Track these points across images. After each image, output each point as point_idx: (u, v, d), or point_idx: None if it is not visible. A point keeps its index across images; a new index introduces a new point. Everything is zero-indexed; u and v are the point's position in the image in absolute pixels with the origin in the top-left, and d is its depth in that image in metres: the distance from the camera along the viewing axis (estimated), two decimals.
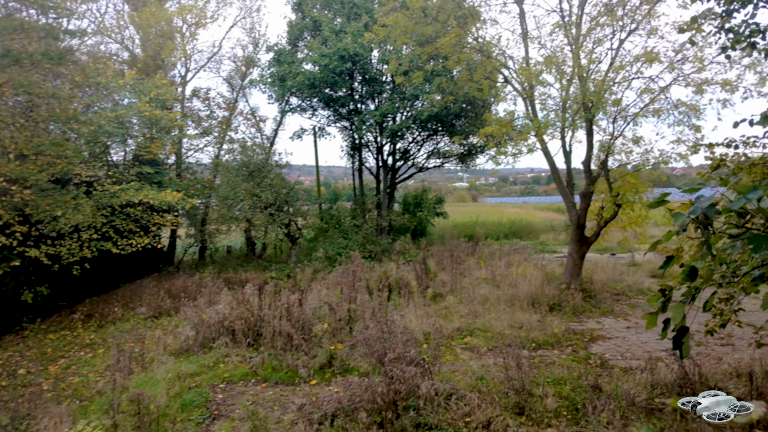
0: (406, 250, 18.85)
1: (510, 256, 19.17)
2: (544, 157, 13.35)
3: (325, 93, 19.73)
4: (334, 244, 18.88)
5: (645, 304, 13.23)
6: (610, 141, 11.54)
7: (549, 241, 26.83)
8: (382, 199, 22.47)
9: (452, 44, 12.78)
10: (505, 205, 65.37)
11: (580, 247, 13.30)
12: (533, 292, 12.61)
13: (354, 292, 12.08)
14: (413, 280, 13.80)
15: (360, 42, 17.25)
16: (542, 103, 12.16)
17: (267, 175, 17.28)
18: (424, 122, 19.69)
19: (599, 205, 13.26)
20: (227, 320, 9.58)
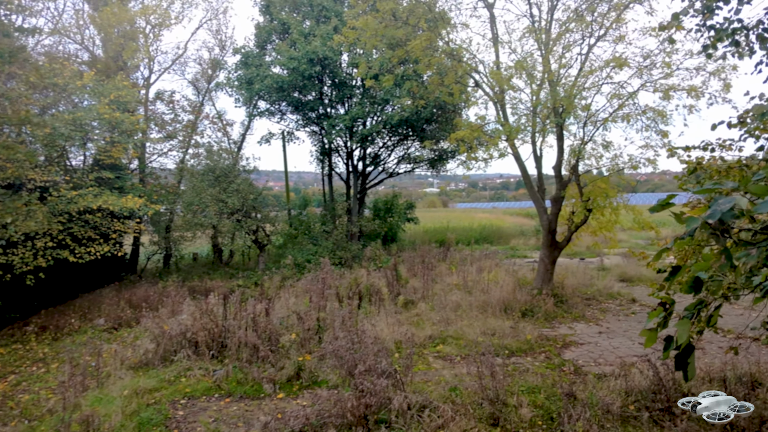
0: (377, 256, 18.59)
1: (481, 262, 19.10)
2: (516, 162, 13.29)
3: (294, 97, 19.38)
4: (303, 251, 18.49)
5: (615, 309, 13.26)
6: (581, 146, 11.54)
7: (519, 245, 26.94)
8: (353, 204, 22.17)
9: (423, 47, 12.63)
10: (476, 211, 65.78)
11: (551, 252, 13.26)
12: (505, 298, 12.49)
13: (323, 300, 11.75)
14: (384, 286, 13.54)
15: (329, 45, 16.98)
16: (513, 107, 12.10)
17: (234, 180, 16.81)
18: (394, 127, 19.51)
19: (570, 209, 13.25)
20: (190, 331, 9.14)
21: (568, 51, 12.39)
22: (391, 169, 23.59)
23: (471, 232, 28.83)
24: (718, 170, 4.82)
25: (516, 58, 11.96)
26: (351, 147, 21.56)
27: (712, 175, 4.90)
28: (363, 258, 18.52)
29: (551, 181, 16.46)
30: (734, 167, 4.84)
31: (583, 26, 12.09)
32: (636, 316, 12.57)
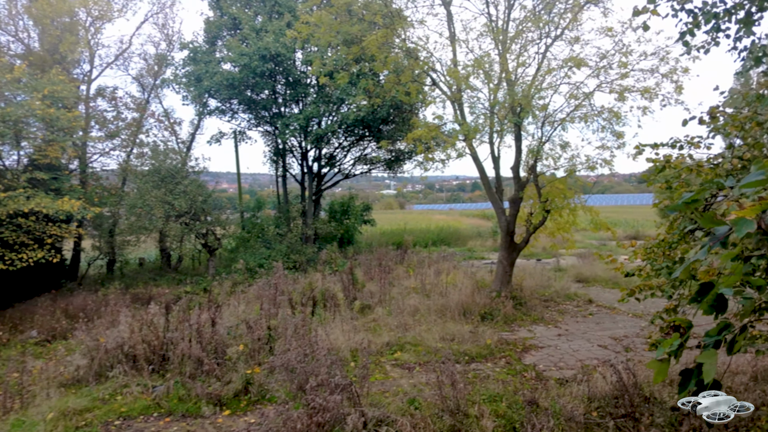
0: (333, 260, 18.09)
1: (439, 264, 18.86)
2: (473, 163, 13.06)
3: (246, 95, 18.64)
4: (255, 255, 17.79)
5: (573, 310, 13.20)
6: (539, 145, 11.38)
7: (477, 247, 26.93)
8: (308, 206, 21.57)
9: (379, 44, 12.24)
10: (432, 212, 66.03)
11: (510, 253, 13.09)
12: (464, 301, 12.22)
13: (275, 307, 11.18)
14: (340, 291, 13.05)
15: (282, 41, 16.38)
16: (471, 106, 11.86)
17: (181, 181, 15.97)
18: (350, 127, 19.04)
19: (528, 211, 13.12)
20: (127, 344, 8.42)
21: (526, 51, 12.26)
22: (346, 171, 23.10)
23: (428, 234, 28.65)
24: (690, 169, 4.59)
25: (473, 57, 11.72)
26: (306, 147, 20.96)
27: (681, 173, 4.69)
28: (318, 261, 17.98)
29: (509, 183, 16.35)
30: (702, 165, 4.63)
31: (540, 26, 11.96)
32: (594, 317, 12.52)
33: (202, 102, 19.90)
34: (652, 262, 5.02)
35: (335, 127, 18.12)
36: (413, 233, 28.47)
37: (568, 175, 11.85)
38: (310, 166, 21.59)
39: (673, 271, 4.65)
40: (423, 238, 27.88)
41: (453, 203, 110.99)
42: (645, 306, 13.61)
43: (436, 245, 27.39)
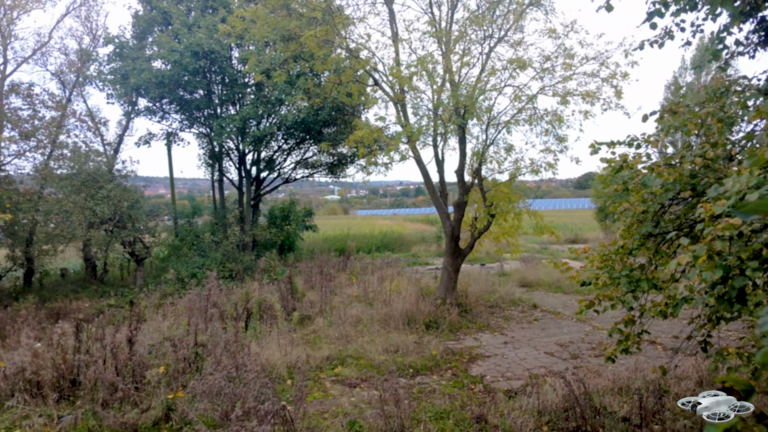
0: (272, 268, 17.25)
1: (383, 270, 18.37)
2: (417, 166, 12.65)
3: (178, 94, 17.53)
4: (188, 264, 16.70)
5: (518, 316, 12.99)
6: (484, 147, 11.08)
7: (420, 252, 26.66)
8: (246, 212, 20.61)
9: (319, 42, 11.64)
10: (376, 217, 65.65)
11: (454, 259, 12.75)
12: (408, 310, 11.76)
13: (206, 321, 10.34)
14: (278, 302, 12.30)
15: (216, 38, 15.47)
16: (414, 107, 11.42)
17: (104, 185, 14.74)
18: (289, 129, 18.28)
19: (473, 215, 12.83)
20: (30, 369, 7.41)
21: (469, 52, 11.98)
22: (287, 175, 22.26)
23: (372, 240, 28.16)
24: (651, 168, 4.26)
25: (417, 57, 11.32)
26: (243, 150, 20.01)
27: (638, 174, 4.36)
28: (256, 270, 17.10)
29: (454, 188, 16.07)
30: (660, 165, 4.31)
31: (484, 27, 11.72)
32: (539, 322, 12.35)
33: (131, 101, 18.62)
34: (609, 270, 4.66)
35: (274, 128, 17.31)
36: (357, 239, 27.89)
37: (512, 179, 11.62)
38: (248, 169, 20.64)
39: (633, 279, 4.30)
40: (366, 243, 27.37)
41: (397, 208, 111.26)
42: (590, 312, 13.59)
43: (380, 251, 26.94)
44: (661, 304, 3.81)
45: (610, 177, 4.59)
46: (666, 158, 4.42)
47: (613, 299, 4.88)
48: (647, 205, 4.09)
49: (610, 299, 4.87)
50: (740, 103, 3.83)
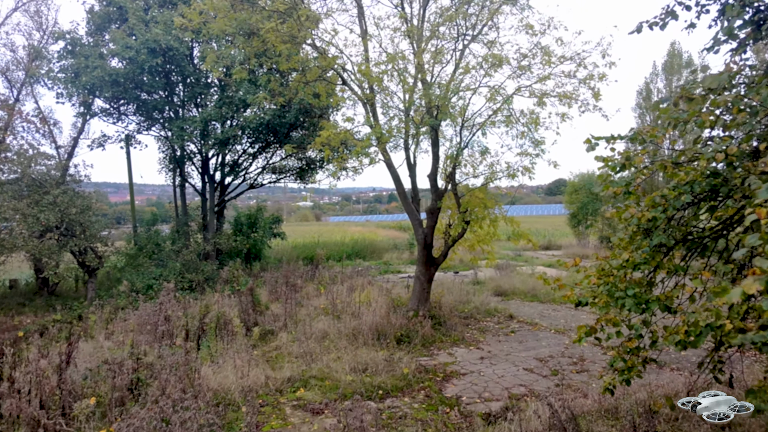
0: (235, 278, 16.29)
1: (353, 280, 17.59)
2: (388, 170, 11.94)
3: (135, 94, 16.46)
4: (144, 275, 15.62)
5: (494, 328, 12.36)
6: (458, 150, 10.43)
7: (393, 260, 25.93)
8: (209, 219, 19.59)
9: (282, 37, 10.85)
10: (349, 224, 64.81)
11: (427, 268, 12.06)
12: (378, 323, 10.99)
13: (157, 339, 9.41)
14: (237, 316, 11.40)
15: (175, 33, 14.53)
16: (384, 106, 10.70)
17: (50, 191, 13.61)
18: (254, 131, 17.39)
19: (447, 222, 12.17)
20: None
21: (442, 52, 11.35)
22: (252, 180, 21.29)
23: (343, 247, 27.33)
24: (663, 166, 3.62)
25: (387, 53, 10.63)
26: (206, 154, 19.01)
27: (642, 174, 3.72)
28: (218, 280, 16.14)
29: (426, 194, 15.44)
30: (668, 163, 3.68)
31: (458, 23, 11.10)
32: (516, 334, 11.73)
33: (86, 102, 17.47)
34: (610, 288, 3.98)
35: (237, 131, 16.38)
36: (327, 246, 27.04)
37: (488, 183, 11.01)
38: (211, 174, 19.63)
39: (642, 300, 3.63)
40: (337, 251, 26.53)
41: (370, 215, 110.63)
42: (566, 321, 13.08)
43: (351, 259, 26.14)
44: (680, 331, 3.16)
45: (607, 178, 3.94)
46: (678, 154, 3.78)
47: (618, 324, 4.19)
48: (657, 211, 3.44)
49: (614, 324, 4.18)
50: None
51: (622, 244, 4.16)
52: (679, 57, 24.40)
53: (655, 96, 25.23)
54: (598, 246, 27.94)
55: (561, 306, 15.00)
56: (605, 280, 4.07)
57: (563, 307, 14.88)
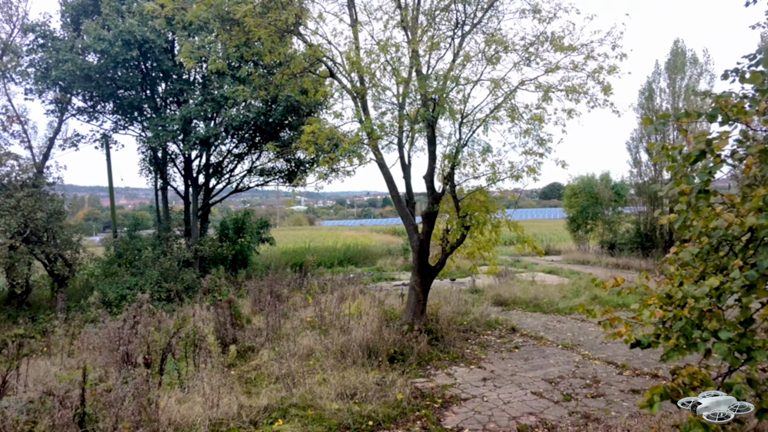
0: (217, 287, 15.23)
1: (344, 288, 16.56)
2: (380, 171, 10.93)
3: (109, 89, 15.37)
4: (118, 284, 14.51)
5: (496, 342, 11.34)
6: (457, 147, 9.40)
7: (386, 266, 24.89)
8: (192, 224, 18.52)
9: (263, 23, 9.84)
10: (342, 228, 63.72)
11: (423, 278, 11.04)
12: (369, 339, 9.96)
13: (118, 362, 8.34)
14: (212, 333, 10.34)
15: (151, 25, 13.49)
16: (375, 98, 9.65)
17: (13, 194, 12.53)
18: (238, 130, 16.36)
19: (444, 227, 11.16)
20: None
21: (439, 42, 10.35)
22: (236, 182, 20.21)
23: (334, 253, 26.27)
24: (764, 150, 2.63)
25: (378, 40, 9.63)
26: (187, 155, 17.94)
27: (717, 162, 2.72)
28: (199, 290, 15.09)
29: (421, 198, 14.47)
30: None
31: (456, 9, 10.12)
32: (520, 350, 10.72)
33: (61, 99, 16.38)
34: (686, 326, 2.93)
35: (219, 129, 15.31)
36: (318, 252, 25.98)
37: (490, 184, 10.02)
38: (194, 177, 18.57)
39: (741, 347, 2.59)
40: (328, 257, 25.48)
41: (364, 219, 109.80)
42: (573, 334, 12.09)
43: (343, 265, 25.08)
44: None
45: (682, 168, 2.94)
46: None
47: (709, 383, 3.10)
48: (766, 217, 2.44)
49: (704, 381, 3.08)
50: None
51: (699, 263, 3.13)
52: (683, 55, 23.55)
53: (658, 96, 24.36)
54: (599, 251, 27.03)
55: (566, 317, 14.02)
56: (677, 313, 3.04)
57: (568, 318, 13.90)
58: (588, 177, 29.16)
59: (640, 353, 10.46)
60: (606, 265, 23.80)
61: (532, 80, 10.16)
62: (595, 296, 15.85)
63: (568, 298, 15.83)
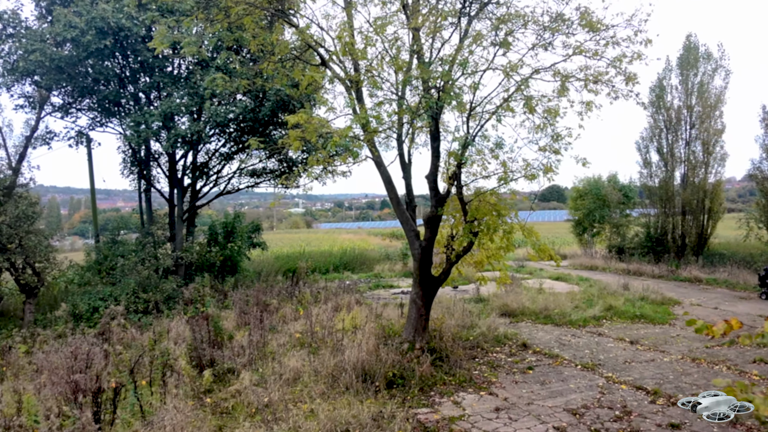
0: (201, 297, 14.03)
1: (338, 297, 15.38)
2: (377, 170, 9.76)
3: (83, 82, 14.15)
4: (91, 295, 13.27)
5: (507, 362, 10.15)
6: (467, 140, 8.19)
7: (384, 272, 23.66)
8: (177, 228, 17.31)
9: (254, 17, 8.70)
10: (340, 231, 62.52)
11: (425, 290, 9.86)
12: (365, 360, 8.78)
13: (74, 393, 7.14)
14: (185, 356, 9.13)
15: (127, 11, 12.32)
16: (372, 84, 8.43)
17: None
18: (223, 127, 15.16)
19: (448, 233, 9.99)
20: None
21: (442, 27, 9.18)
22: (224, 183, 18.97)
23: (330, 258, 25.05)
24: None
25: (374, 18, 8.45)
26: (171, 153, 16.73)
27: None
28: (180, 299, 13.88)
29: (420, 200, 13.37)
30: None
31: None
32: (534, 372, 9.52)
33: (43, 95, 15.17)
34: None
35: (201, 126, 14.08)
36: (313, 257, 24.75)
37: (502, 184, 8.86)
38: (179, 178, 17.37)
39: None
40: (324, 262, 24.25)
41: (362, 221, 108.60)
42: (592, 352, 10.91)
43: (338, 271, 23.85)
44: None
45: None
46: None
47: None
48: None
49: None
50: None
51: None
52: (696, 50, 22.41)
53: (669, 93, 23.23)
54: (607, 256, 25.83)
55: (580, 330, 12.83)
56: None
57: (583, 331, 12.72)
58: (594, 178, 28.01)
59: (671, 375, 9.29)
60: (616, 271, 22.59)
61: (549, 68, 9.01)
62: (610, 306, 14.69)
63: (581, 309, 14.64)
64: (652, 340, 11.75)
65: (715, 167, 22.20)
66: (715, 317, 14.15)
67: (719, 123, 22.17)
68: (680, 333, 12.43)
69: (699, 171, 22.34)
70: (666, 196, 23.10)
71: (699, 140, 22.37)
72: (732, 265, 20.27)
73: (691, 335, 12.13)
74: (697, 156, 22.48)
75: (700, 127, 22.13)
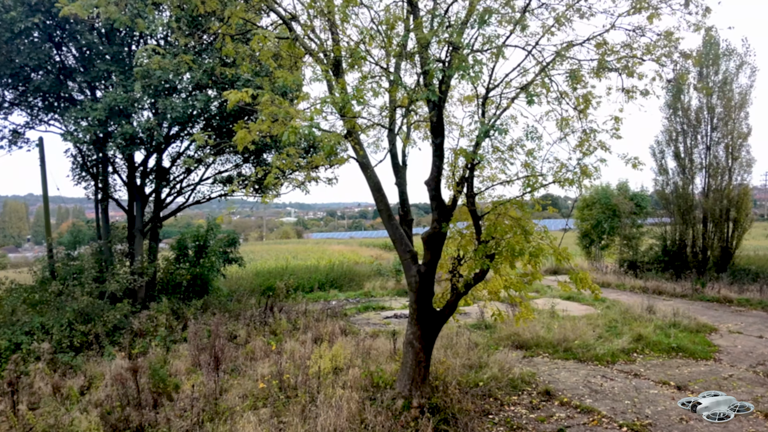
0: (154, 328, 11.71)
1: (321, 324, 13.14)
2: (362, 173, 7.53)
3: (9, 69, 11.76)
4: (14, 327, 10.86)
5: (531, 422, 7.88)
6: (483, 132, 5.91)
7: (375, 290, 21.29)
8: (137, 243, 15.00)
9: None
10: (331, 241, 60.21)
11: (424, 329, 7.60)
12: (344, 430, 6.51)
13: None
14: (99, 427, 6.80)
15: None
16: (351, 52, 6.20)
17: None
18: (181, 124, 12.88)
19: (453, 252, 7.76)
20: None
21: None
22: (189, 191, 16.62)
23: (316, 274, 22.72)
24: None
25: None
26: (128, 157, 14.43)
27: None
28: (127, 330, 11.54)
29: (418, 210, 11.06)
30: None
31: None
32: None
33: None
34: None
35: (153, 123, 11.76)
36: (297, 272, 22.43)
37: (527, 192, 6.66)
38: (139, 185, 15.07)
39: None
40: (309, 279, 21.93)
41: (354, 231, 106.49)
42: (634, 403, 8.66)
43: (324, 289, 21.52)
44: None
45: None
46: None
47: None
48: None
49: None
50: None
51: None
52: (717, 46, 20.44)
53: (686, 92, 21.24)
54: (618, 271, 23.65)
55: (610, 368, 10.60)
56: None
57: (614, 370, 10.49)
58: (603, 186, 25.92)
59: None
60: (632, 288, 20.39)
61: (589, 39, 6.85)
62: (639, 336, 12.48)
63: (606, 339, 12.43)
64: (701, 384, 9.55)
65: (741, 174, 20.15)
66: (764, 349, 11.99)
67: (744, 125, 20.15)
68: (732, 372, 10.23)
69: (723, 177, 20.28)
70: (685, 206, 21.00)
71: (721, 144, 20.32)
72: (763, 283, 18.14)
73: (746, 375, 9.96)
74: (720, 161, 20.44)
75: (723, 129, 20.10)
